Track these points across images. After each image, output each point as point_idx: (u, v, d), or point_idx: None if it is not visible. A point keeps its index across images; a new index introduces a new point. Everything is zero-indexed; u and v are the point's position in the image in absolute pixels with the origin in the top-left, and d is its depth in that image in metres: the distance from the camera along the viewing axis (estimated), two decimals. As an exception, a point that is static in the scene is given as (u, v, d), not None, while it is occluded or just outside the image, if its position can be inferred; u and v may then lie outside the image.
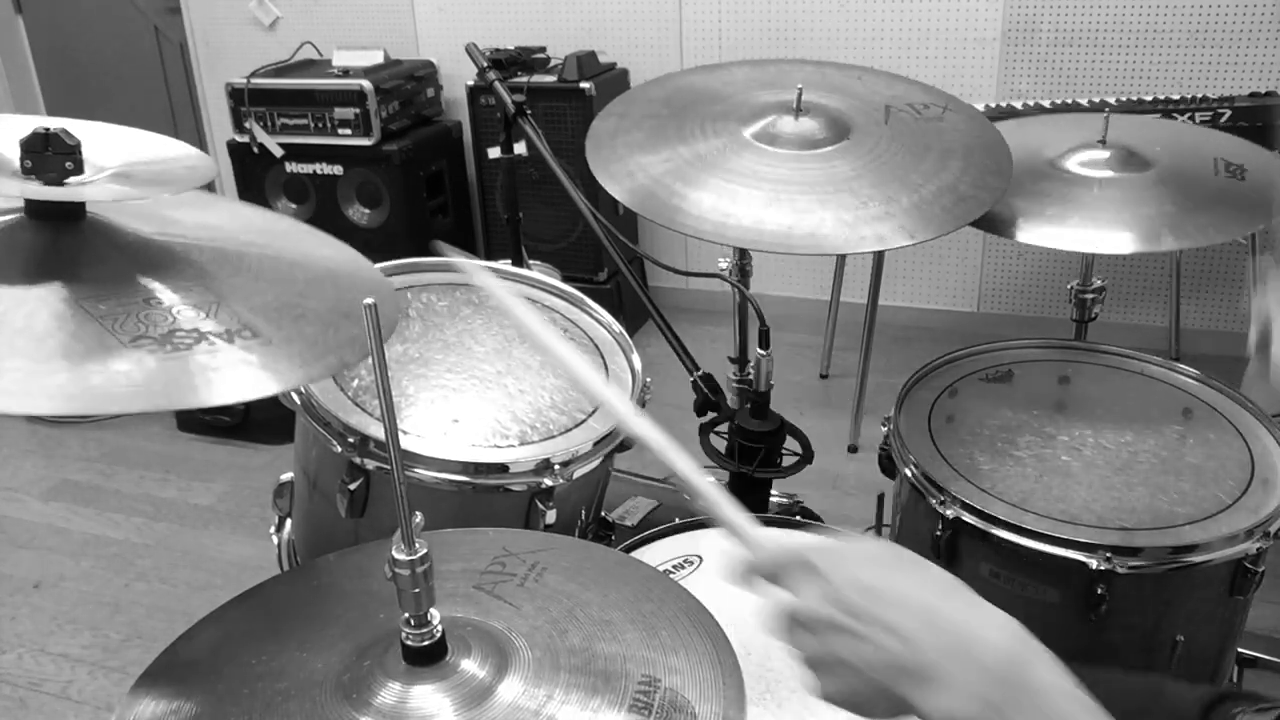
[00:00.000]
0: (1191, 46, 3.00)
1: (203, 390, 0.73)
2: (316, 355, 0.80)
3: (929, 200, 1.36)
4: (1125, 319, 3.33)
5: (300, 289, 0.88)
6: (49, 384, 0.69)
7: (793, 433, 1.50)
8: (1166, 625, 1.27)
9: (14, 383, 0.68)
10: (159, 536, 2.61)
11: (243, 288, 0.84)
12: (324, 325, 0.84)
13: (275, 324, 0.80)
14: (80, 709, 2.06)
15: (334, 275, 0.95)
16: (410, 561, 0.73)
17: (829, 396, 3.19)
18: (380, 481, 1.20)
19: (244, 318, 0.79)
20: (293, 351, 0.79)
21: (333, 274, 0.95)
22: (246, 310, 0.80)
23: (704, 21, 3.42)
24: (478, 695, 0.74)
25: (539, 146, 1.70)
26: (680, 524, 1.23)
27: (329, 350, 0.81)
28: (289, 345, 0.79)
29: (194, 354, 0.75)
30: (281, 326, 0.80)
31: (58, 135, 0.82)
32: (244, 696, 0.76)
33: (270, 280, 0.87)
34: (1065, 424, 1.42)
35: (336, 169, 3.44)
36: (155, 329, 0.76)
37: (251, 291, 0.84)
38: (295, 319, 0.82)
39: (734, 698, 0.74)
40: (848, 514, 2.47)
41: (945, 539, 1.29)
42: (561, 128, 3.20)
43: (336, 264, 0.98)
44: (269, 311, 0.81)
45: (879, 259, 2.92)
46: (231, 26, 3.96)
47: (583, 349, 1.42)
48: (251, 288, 0.85)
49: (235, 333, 0.78)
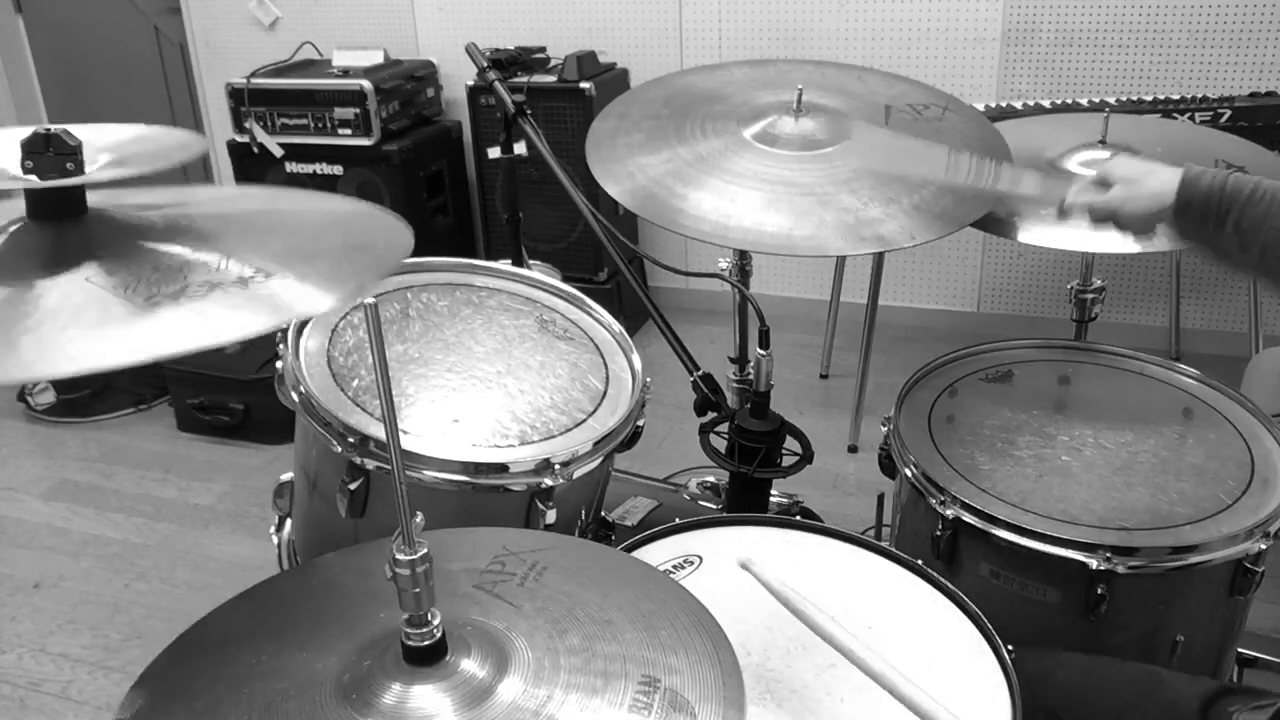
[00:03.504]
0: (1191, 46, 3.00)
1: (224, 327, 0.72)
2: (336, 283, 0.79)
3: (929, 201, 1.36)
4: (1125, 319, 3.33)
5: (309, 235, 0.87)
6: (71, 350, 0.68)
7: (793, 433, 1.50)
8: (1166, 625, 1.27)
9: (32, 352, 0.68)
10: (159, 536, 2.61)
11: (250, 241, 0.83)
12: (337, 259, 0.83)
13: (288, 265, 0.79)
14: (80, 709, 2.06)
15: (340, 220, 0.95)
16: (410, 561, 0.73)
17: (829, 396, 3.19)
18: (380, 481, 1.20)
19: (256, 263, 0.79)
20: (308, 284, 0.78)
21: (339, 219, 0.95)
22: (257, 258, 0.80)
23: (704, 21, 3.42)
24: (478, 695, 0.74)
25: (539, 146, 1.70)
26: (680, 524, 1.23)
27: (347, 277, 0.80)
28: (304, 280, 0.78)
29: (209, 300, 0.74)
30: (294, 266, 0.80)
31: (58, 136, 0.82)
32: (244, 696, 0.76)
33: (278, 233, 0.87)
34: (1065, 424, 1.42)
35: (336, 169, 3.44)
36: (168, 287, 0.75)
37: (260, 244, 0.83)
38: (308, 258, 0.82)
39: (734, 698, 0.74)
40: (848, 514, 2.47)
41: (945, 539, 1.29)
42: (561, 128, 3.20)
43: (342, 212, 0.98)
44: (280, 256, 0.81)
45: (879, 259, 2.91)
46: (231, 26, 3.96)
47: (583, 349, 1.42)
48: (259, 240, 0.84)
49: (249, 279, 0.77)
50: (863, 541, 1.20)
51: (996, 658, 1.03)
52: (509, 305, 1.47)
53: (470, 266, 1.53)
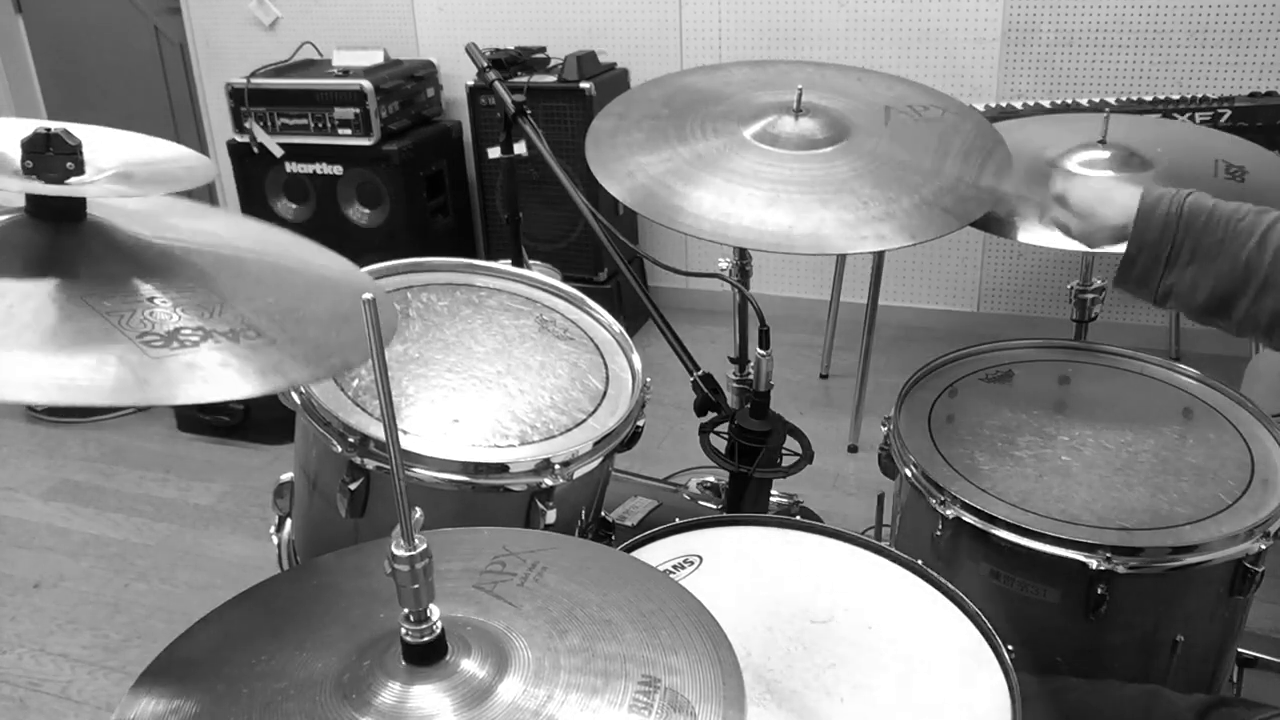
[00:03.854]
0: (1191, 46, 3.00)
1: (205, 386, 0.73)
2: (321, 355, 0.80)
3: (929, 200, 1.36)
4: (1125, 319, 3.33)
5: (300, 293, 0.88)
6: (58, 374, 0.69)
7: (793, 433, 1.50)
8: (1166, 625, 1.27)
9: (14, 373, 0.68)
10: (159, 536, 2.61)
11: (244, 290, 0.84)
12: (325, 327, 0.84)
13: (279, 325, 0.80)
14: (80, 709, 2.06)
15: (331, 281, 0.96)
16: (410, 558, 0.73)
17: (829, 396, 3.19)
18: (380, 481, 1.20)
19: (248, 318, 0.79)
20: (297, 352, 0.79)
21: (330, 280, 0.96)
22: (250, 311, 0.80)
23: (704, 21, 3.42)
24: (478, 695, 0.74)
25: (539, 146, 1.70)
26: (680, 524, 1.23)
27: (332, 351, 0.81)
28: (293, 346, 0.79)
29: (200, 351, 0.75)
30: (285, 328, 0.80)
31: (59, 135, 0.83)
32: (244, 696, 0.76)
33: (270, 284, 0.88)
34: (1065, 424, 1.42)
35: (336, 169, 3.44)
36: (161, 326, 0.76)
37: (253, 294, 0.84)
38: (298, 321, 0.82)
39: (734, 698, 0.74)
40: (848, 514, 2.48)
41: (945, 539, 1.29)
42: (561, 128, 3.20)
43: (332, 271, 0.99)
44: (272, 313, 0.82)
45: (879, 259, 2.92)
46: (231, 26, 3.96)
47: (583, 349, 1.42)
48: (253, 290, 0.85)
49: (240, 332, 0.78)
50: (863, 541, 1.20)
51: (996, 658, 1.03)
52: (509, 305, 1.47)
53: (470, 266, 1.53)
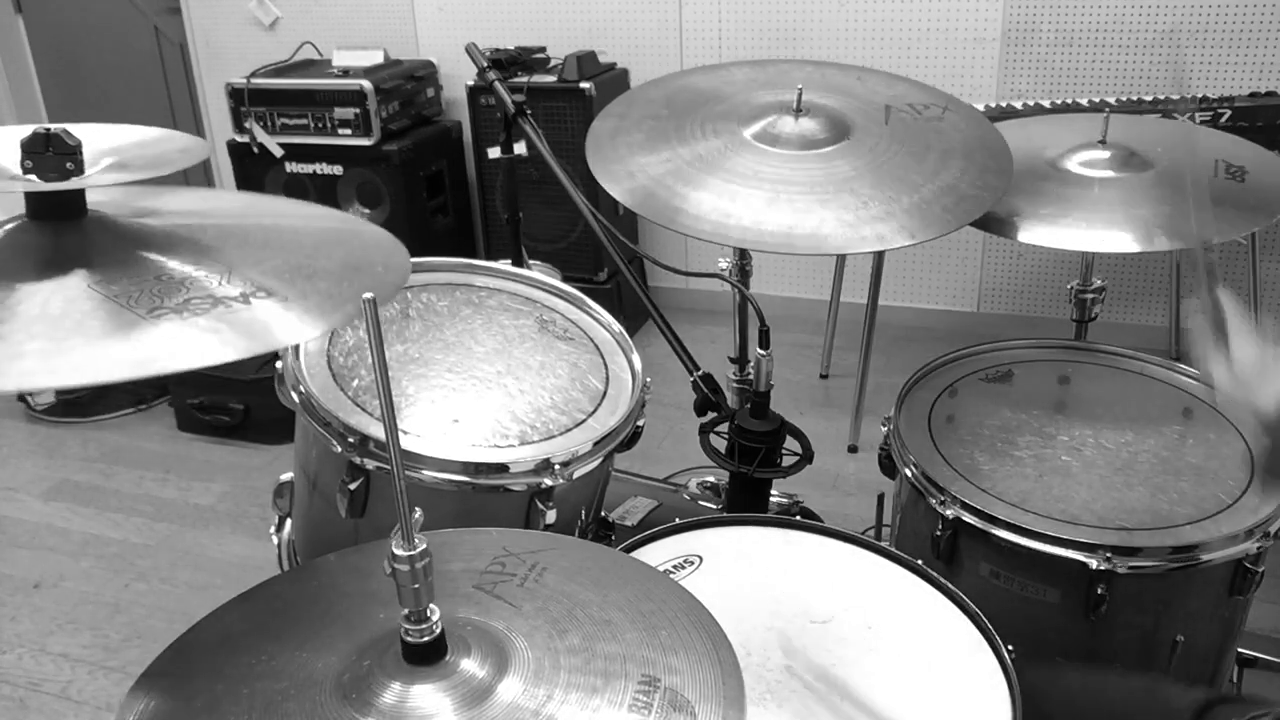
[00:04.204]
0: (1191, 46, 3.00)
1: (226, 347, 0.72)
2: (335, 306, 0.79)
3: (929, 200, 1.36)
4: (1125, 319, 3.33)
5: (308, 252, 0.88)
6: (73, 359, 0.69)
7: (793, 433, 1.50)
8: (1166, 625, 1.27)
9: (36, 361, 0.68)
10: (159, 536, 2.61)
11: (250, 255, 0.84)
12: (336, 279, 0.84)
13: (289, 283, 0.80)
14: (80, 709, 2.06)
15: (338, 236, 0.95)
16: (410, 557, 0.73)
17: (829, 396, 3.19)
18: (380, 481, 1.20)
19: (257, 280, 0.79)
20: (310, 305, 0.78)
21: (337, 235, 0.95)
22: (258, 274, 0.80)
23: (704, 21, 3.42)
24: (478, 695, 0.74)
25: (539, 146, 1.70)
26: (680, 524, 1.23)
27: (345, 300, 0.81)
28: (305, 300, 0.79)
29: (211, 317, 0.74)
30: (295, 284, 0.80)
31: (58, 136, 0.82)
32: (244, 696, 0.76)
33: (276, 247, 0.87)
34: (1065, 424, 1.42)
35: (336, 169, 3.44)
36: (170, 299, 0.75)
37: (260, 258, 0.83)
38: (308, 277, 0.82)
39: (734, 698, 0.74)
40: (848, 514, 2.47)
41: (945, 539, 1.29)
42: (561, 128, 3.20)
43: (338, 228, 0.98)
44: (280, 273, 0.81)
45: (879, 259, 2.91)
46: (231, 26, 3.96)
47: (583, 349, 1.42)
48: (259, 254, 0.84)
49: (250, 295, 0.77)
50: (863, 541, 1.20)
51: (996, 658, 1.03)
52: (509, 305, 1.47)
53: (470, 266, 1.53)
